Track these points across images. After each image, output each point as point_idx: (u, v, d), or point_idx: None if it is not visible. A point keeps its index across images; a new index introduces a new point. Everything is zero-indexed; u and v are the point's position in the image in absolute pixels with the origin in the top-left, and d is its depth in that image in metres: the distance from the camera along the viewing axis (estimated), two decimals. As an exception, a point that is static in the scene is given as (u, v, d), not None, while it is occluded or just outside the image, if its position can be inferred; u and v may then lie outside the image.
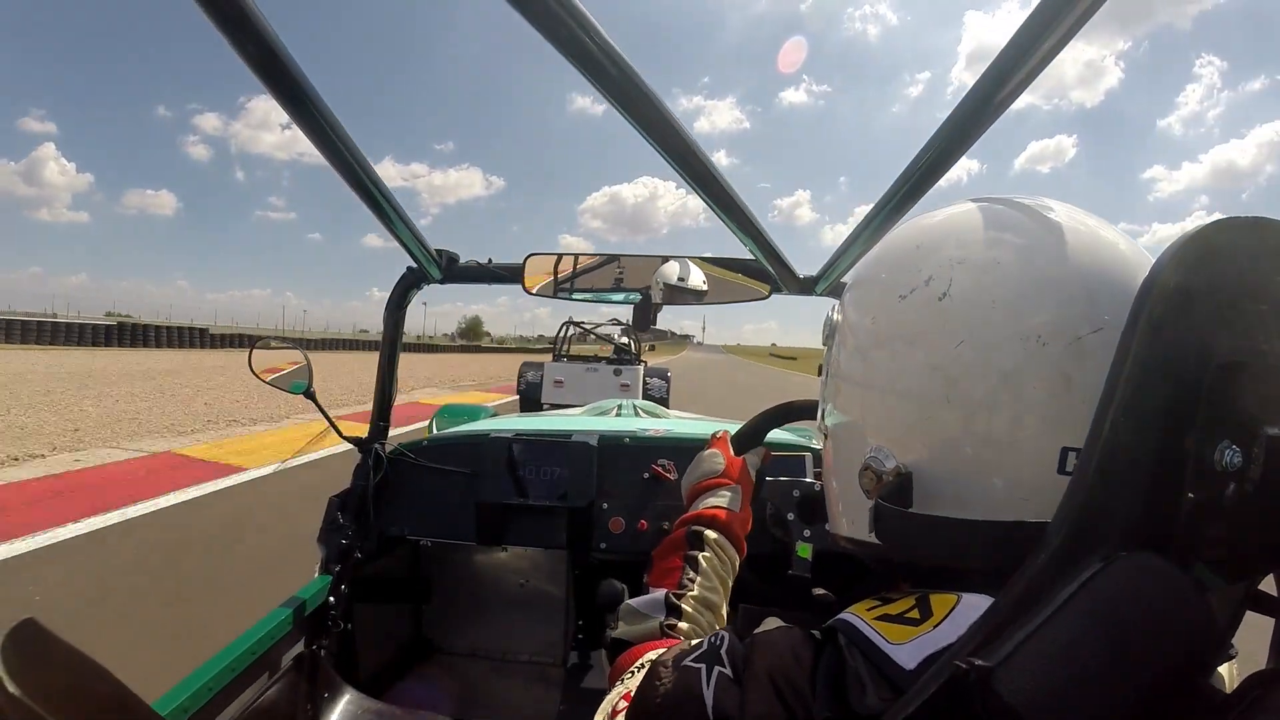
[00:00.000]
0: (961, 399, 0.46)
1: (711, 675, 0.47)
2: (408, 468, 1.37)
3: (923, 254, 0.51)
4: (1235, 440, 0.36)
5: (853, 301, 0.57)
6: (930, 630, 0.40)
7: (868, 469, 0.49)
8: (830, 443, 0.59)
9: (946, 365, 0.46)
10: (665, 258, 1.25)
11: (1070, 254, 0.47)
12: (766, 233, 0.98)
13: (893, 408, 0.50)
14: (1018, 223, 0.50)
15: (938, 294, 0.48)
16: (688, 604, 0.65)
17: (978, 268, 0.48)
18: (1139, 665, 0.32)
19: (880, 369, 0.51)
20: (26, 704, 0.38)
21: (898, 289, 0.51)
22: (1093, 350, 0.43)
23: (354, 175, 0.88)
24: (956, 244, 0.50)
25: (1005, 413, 0.45)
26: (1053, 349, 0.44)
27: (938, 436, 0.47)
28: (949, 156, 0.73)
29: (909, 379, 0.48)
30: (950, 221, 0.53)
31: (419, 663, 1.59)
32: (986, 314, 0.46)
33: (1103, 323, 0.44)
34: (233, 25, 0.62)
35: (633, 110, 0.65)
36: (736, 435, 1.04)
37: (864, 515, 0.51)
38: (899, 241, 0.55)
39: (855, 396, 0.54)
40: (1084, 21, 0.55)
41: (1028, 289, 0.46)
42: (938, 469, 0.47)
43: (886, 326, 0.51)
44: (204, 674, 0.87)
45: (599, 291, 1.30)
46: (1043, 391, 0.44)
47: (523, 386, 8.20)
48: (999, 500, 0.45)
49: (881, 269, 0.55)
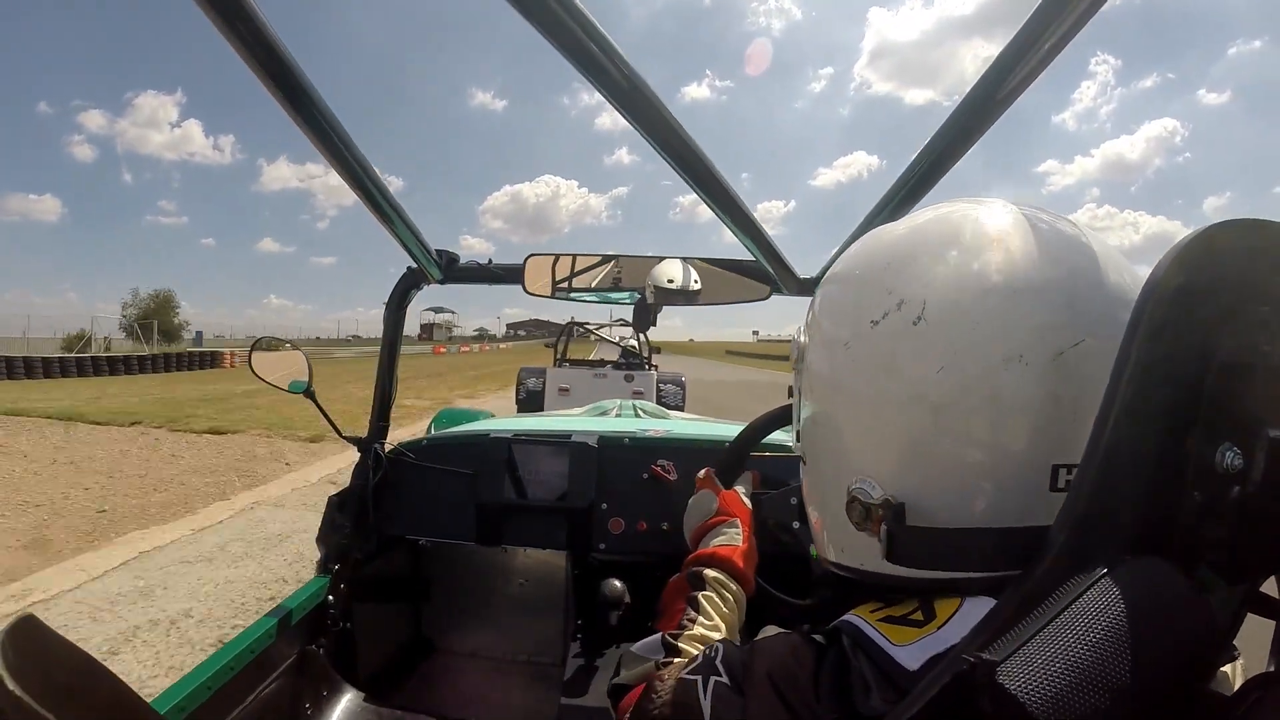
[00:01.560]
0: (947, 427, 0.44)
1: (708, 685, 0.46)
2: (407, 468, 1.37)
3: (892, 273, 0.49)
4: (1236, 442, 0.36)
5: (823, 324, 0.54)
6: (934, 632, 0.40)
7: (854, 500, 0.48)
8: (809, 470, 0.57)
9: (928, 393, 0.45)
10: (662, 258, 1.25)
11: (1049, 264, 0.45)
12: (766, 233, 0.98)
13: (875, 440, 0.48)
14: (992, 232, 0.48)
15: (911, 318, 0.46)
16: (685, 642, 0.64)
17: (952, 286, 0.45)
18: (1142, 665, 0.32)
19: (859, 400, 0.49)
20: (26, 702, 0.38)
21: (869, 313, 0.48)
22: (1076, 364, 0.42)
23: (355, 176, 0.88)
24: (928, 259, 0.48)
25: (992, 435, 0.44)
26: (1036, 367, 0.43)
27: (924, 466, 0.46)
28: (951, 156, 0.73)
29: (891, 410, 0.47)
30: (921, 233, 0.51)
31: (418, 663, 1.58)
32: (965, 335, 0.44)
33: (1084, 334, 0.43)
34: (234, 27, 0.62)
35: (634, 112, 0.65)
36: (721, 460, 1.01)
37: (854, 542, 0.50)
38: (867, 258, 0.53)
39: (833, 426, 0.52)
40: (1086, 20, 0.54)
41: (1006, 306, 0.44)
42: (924, 495, 0.46)
43: (861, 353, 0.49)
44: (203, 672, 0.86)
45: (598, 292, 1.30)
46: (1028, 410, 0.43)
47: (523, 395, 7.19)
48: (989, 516, 0.44)
49: (853, 284, 0.52)
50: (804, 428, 0.57)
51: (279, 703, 1.04)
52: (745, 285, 1.25)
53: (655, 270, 1.23)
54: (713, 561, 0.73)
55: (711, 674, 0.47)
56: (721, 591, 0.70)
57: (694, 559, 0.74)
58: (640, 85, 0.63)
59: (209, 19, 0.60)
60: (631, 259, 1.29)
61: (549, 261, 1.29)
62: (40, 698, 0.39)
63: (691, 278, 1.22)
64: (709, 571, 0.72)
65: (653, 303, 1.23)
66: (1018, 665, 0.31)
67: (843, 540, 0.52)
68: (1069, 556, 0.36)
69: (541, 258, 1.29)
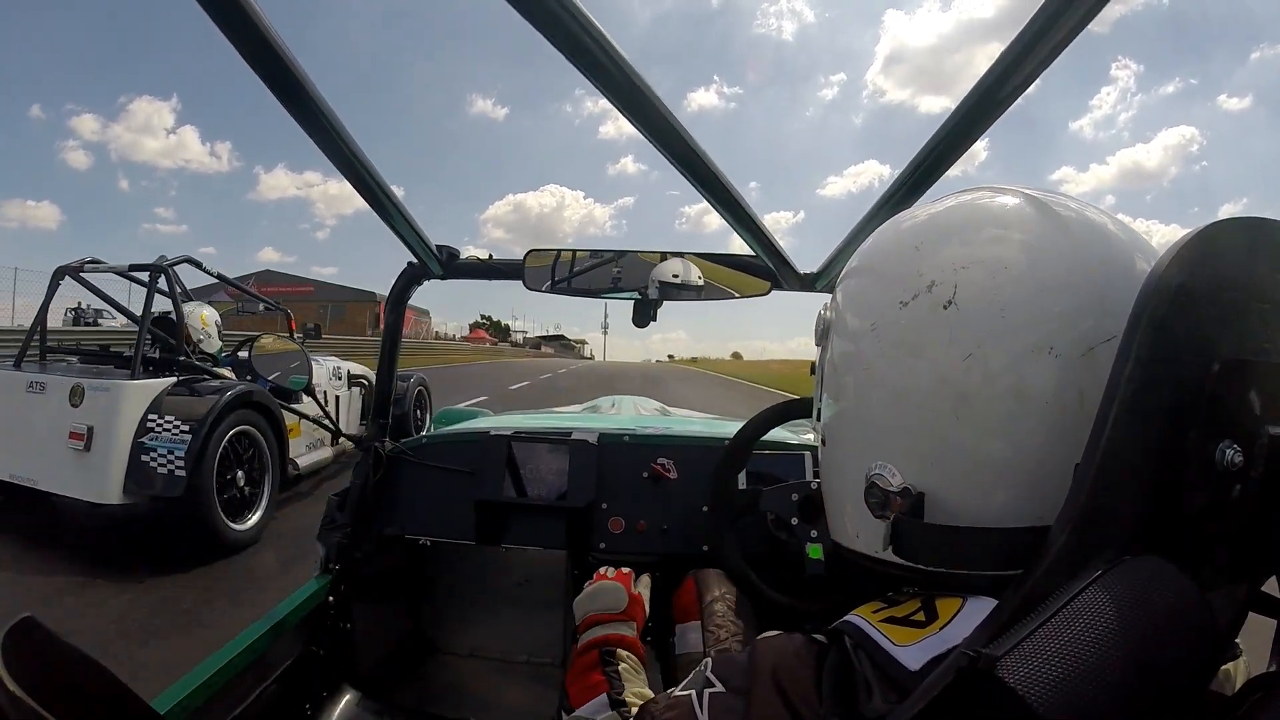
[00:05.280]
0: (971, 415, 0.43)
1: (703, 698, 0.46)
2: (407, 467, 1.37)
3: (923, 255, 0.48)
4: (1237, 440, 0.35)
5: (849, 302, 0.53)
6: (937, 632, 0.40)
7: (873, 486, 0.47)
8: (829, 451, 0.56)
9: (955, 379, 0.44)
10: (664, 254, 1.24)
11: (1081, 253, 0.44)
12: (767, 230, 0.98)
13: (898, 423, 0.47)
14: (1023, 218, 0.47)
15: (942, 301, 0.45)
16: (630, 698, 0.67)
17: (984, 271, 0.45)
18: (1141, 662, 0.32)
19: (882, 380, 0.48)
20: (26, 702, 0.38)
21: (898, 294, 0.47)
22: (1105, 362, 0.40)
23: (355, 173, 0.88)
24: (960, 243, 0.47)
25: (1018, 430, 0.42)
26: (1066, 361, 0.42)
27: (946, 454, 0.45)
28: (953, 151, 0.73)
29: (914, 393, 0.46)
30: (951, 217, 0.50)
31: (418, 663, 1.58)
32: (996, 323, 0.43)
33: (1117, 330, 0.41)
34: (234, 26, 0.61)
35: (635, 111, 0.65)
36: (731, 442, 1.03)
37: (868, 529, 0.49)
38: (897, 238, 0.52)
39: (855, 407, 0.51)
40: (1091, 17, 0.54)
41: (1038, 294, 0.43)
42: (945, 485, 0.45)
43: (888, 334, 0.48)
44: (203, 672, 0.86)
45: (598, 288, 1.30)
46: (1054, 406, 0.42)
47: None
48: (1008, 514, 0.43)
49: (880, 268, 0.51)
50: (825, 407, 0.56)
51: (279, 703, 1.04)
52: (746, 281, 1.25)
53: (658, 266, 1.22)
54: (622, 644, 0.78)
55: (705, 687, 0.47)
56: (635, 663, 0.76)
57: (602, 640, 0.78)
58: (639, 83, 0.63)
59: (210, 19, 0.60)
60: (632, 255, 1.29)
61: (550, 257, 1.28)
62: (40, 697, 0.39)
63: (694, 274, 1.22)
64: (622, 651, 0.77)
65: (657, 298, 1.22)
66: (1017, 660, 0.31)
67: (858, 526, 0.51)
68: (1070, 555, 0.36)
69: (542, 253, 1.28)
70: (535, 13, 0.54)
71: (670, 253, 1.24)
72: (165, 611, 2.46)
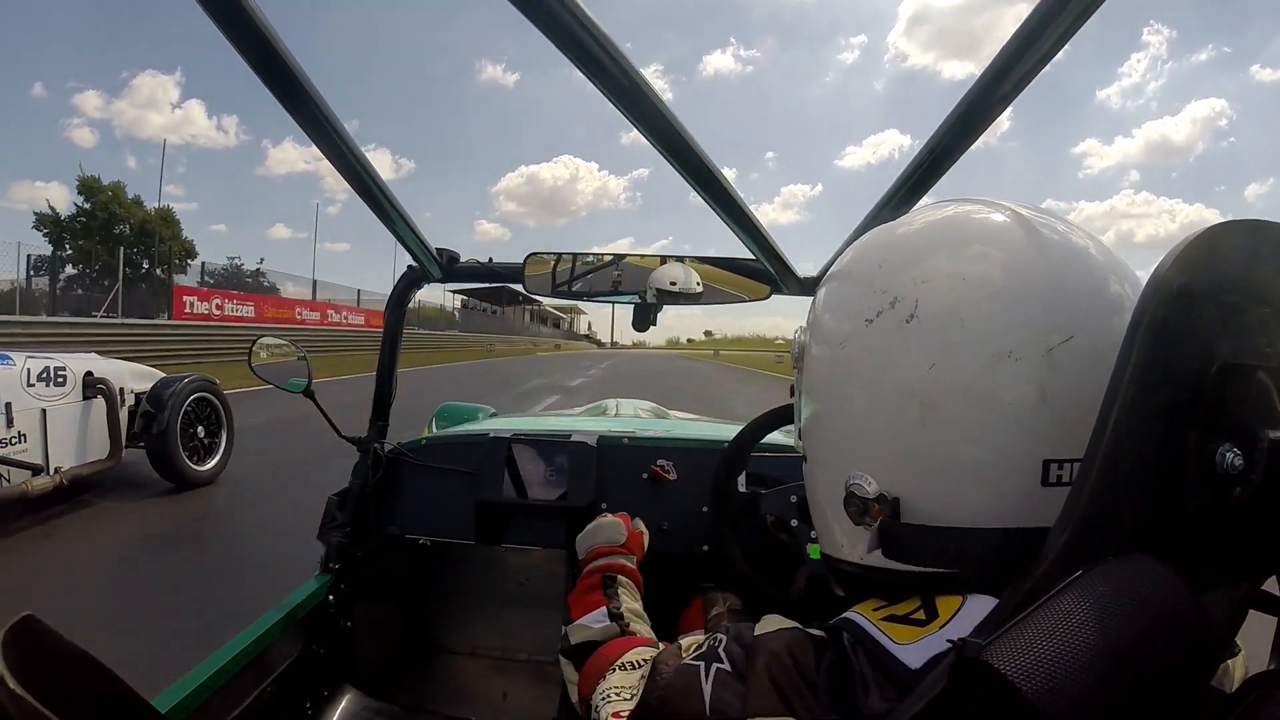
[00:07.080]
0: (938, 422, 0.45)
1: (710, 671, 0.47)
2: (407, 467, 1.37)
3: (886, 273, 0.50)
4: (1237, 443, 0.36)
5: (821, 323, 0.56)
6: (937, 630, 0.40)
7: (851, 495, 0.49)
8: (810, 467, 0.58)
9: (919, 389, 0.46)
10: (664, 259, 1.25)
11: (1037, 262, 0.46)
12: (767, 232, 0.99)
13: (869, 435, 0.49)
14: (981, 231, 0.49)
15: (904, 316, 0.47)
16: (626, 612, 0.76)
17: (944, 285, 0.47)
18: (1129, 656, 0.32)
19: (854, 397, 0.50)
20: (28, 700, 0.38)
21: (864, 312, 0.50)
22: (1065, 361, 0.43)
23: (355, 175, 0.88)
24: (919, 259, 0.49)
25: (982, 432, 0.44)
26: (1025, 363, 0.43)
27: (916, 460, 0.46)
28: (952, 153, 0.73)
29: (883, 405, 0.48)
30: (910, 235, 0.52)
31: (418, 662, 1.58)
32: (956, 334, 0.45)
33: (1074, 330, 0.43)
34: (233, 25, 0.61)
35: (633, 110, 0.65)
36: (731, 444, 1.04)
37: (855, 538, 0.51)
38: (862, 259, 0.54)
39: (831, 423, 0.54)
40: (1087, 16, 0.54)
41: (996, 304, 0.45)
42: (918, 490, 0.46)
43: (856, 353, 0.50)
44: (203, 671, 0.86)
45: (598, 292, 1.30)
46: (1018, 407, 0.43)
47: None
48: (982, 514, 0.45)
49: (847, 289, 0.54)
50: (805, 425, 0.59)
51: (279, 702, 1.04)
52: (746, 285, 1.25)
53: (656, 272, 1.23)
54: (624, 573, 0.86)
55: (714, 661, 0.48)
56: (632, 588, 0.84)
57: (606, 567, 0.87)
58: (639, 82, 0.63)
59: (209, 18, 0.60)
60: (632, 260, 1.29)
61: (550, 261, 1.28)
62: (40, 696, 0.39)
63: (693, 279, 1.23)
64: (622, 577, 0.85)
65: (655, 304, 1.23)
66: (1005, 647, 0.32)
67: (844, 536, 0.53)
68: (1070, 556, 0.36)
69: (542, 257, 1.28)
70: (537, 13, 0.55)
71: (670, 256, 1.24)
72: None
